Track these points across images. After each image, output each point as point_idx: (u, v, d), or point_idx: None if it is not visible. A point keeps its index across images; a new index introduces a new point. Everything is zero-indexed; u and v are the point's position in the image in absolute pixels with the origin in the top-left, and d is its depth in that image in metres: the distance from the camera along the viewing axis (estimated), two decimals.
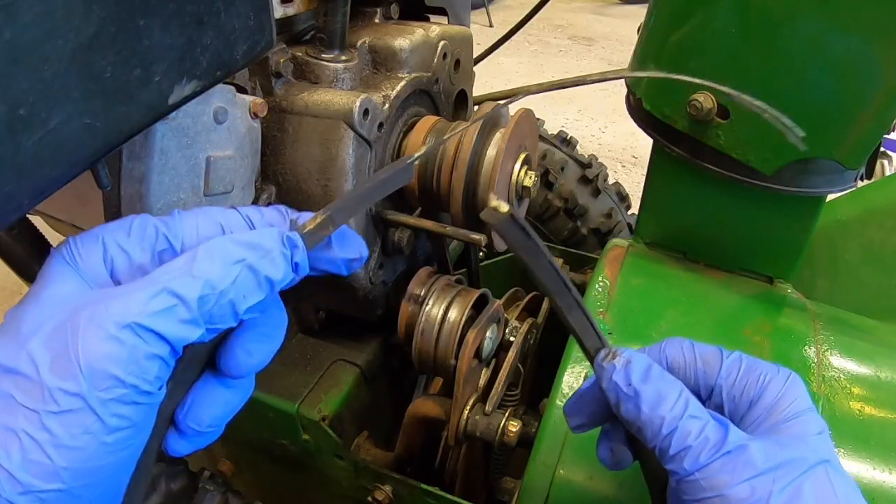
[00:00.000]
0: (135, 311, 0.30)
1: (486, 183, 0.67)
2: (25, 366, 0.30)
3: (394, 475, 0.71)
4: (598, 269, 0.75)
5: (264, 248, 0.35)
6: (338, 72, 0.66)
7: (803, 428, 0.40)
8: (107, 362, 0.29)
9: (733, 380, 0.42)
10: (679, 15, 0.63)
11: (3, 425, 0.29)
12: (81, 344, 0.29)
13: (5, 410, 0.29)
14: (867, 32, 0.54)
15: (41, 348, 0.30)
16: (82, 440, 0.29)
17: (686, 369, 0.43)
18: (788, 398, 0.42)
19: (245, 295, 0.33)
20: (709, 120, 0.62)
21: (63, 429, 0.29)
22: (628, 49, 0.74)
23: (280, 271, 0.35)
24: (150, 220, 0.36)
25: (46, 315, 0.32)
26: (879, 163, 1.10)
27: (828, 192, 0.66)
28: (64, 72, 0.32)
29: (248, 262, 0.33)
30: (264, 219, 0.40)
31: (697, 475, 0.37)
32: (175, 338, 0.31)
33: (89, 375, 0.29)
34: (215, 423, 0.38)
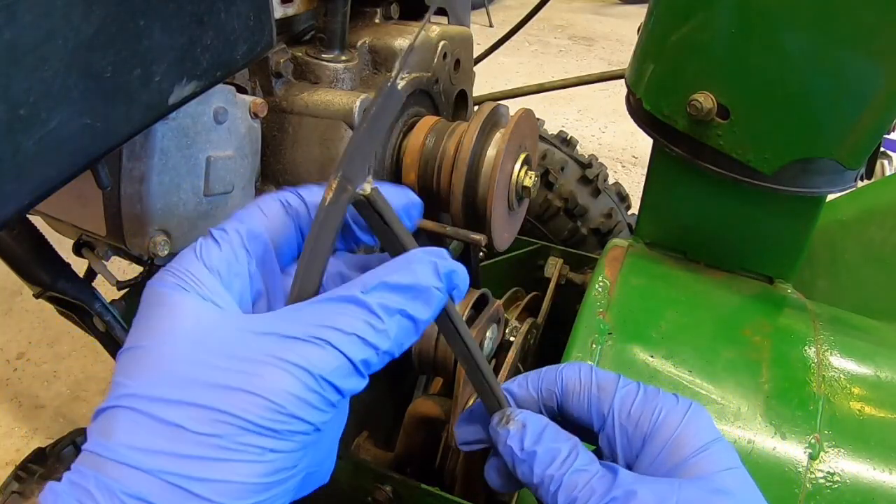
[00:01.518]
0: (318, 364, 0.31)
1: (486, 183, 0.67)
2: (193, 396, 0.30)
3: (394, 475, 0.71)
4: (598, 269, 0.75)
5: (420, 289, 0.34)
6: (338, 72, 0.66)
7: (709, 464, 0.38)
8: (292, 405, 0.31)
9: (627, 411, 0.41)
10: (679, 15, 0.63)
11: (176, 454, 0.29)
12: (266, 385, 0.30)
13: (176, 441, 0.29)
14: (867, 34, 0.54)
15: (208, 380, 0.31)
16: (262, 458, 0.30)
17: (581, 394, 0.42)
18: (689, 432, 0.39)
19: (402, 343, 0.34)
20: (709, 120, 0.62)
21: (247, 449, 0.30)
22: (628, 49, 0.74)
23: (433, 309, 0.35)
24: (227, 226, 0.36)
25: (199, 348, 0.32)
26: (879, 163, 1.10)
27: (828, 192, 0.66)
28: (64, 72, 0.32)
29: (406, 312, 0.33)
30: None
31: None
32: (347, 388, 0.32)
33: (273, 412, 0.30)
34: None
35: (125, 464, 0.29)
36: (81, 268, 0.78)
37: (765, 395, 0.60)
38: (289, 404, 0.30)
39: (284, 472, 0.32)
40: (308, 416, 0.31)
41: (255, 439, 0.30)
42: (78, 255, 0.71)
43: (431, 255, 0.35)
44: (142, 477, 0.29)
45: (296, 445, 0.31)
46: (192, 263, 0.34)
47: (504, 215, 0.71)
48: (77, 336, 1.75)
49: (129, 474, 0.29)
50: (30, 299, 1.73)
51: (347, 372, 0.32)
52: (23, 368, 1.72)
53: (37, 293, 0.73)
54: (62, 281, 0.72)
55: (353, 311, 0.33)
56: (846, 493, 0.55)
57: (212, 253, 0.35)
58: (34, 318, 1.87)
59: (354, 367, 0.32)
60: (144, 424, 0.30)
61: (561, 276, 0.95)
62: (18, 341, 1.80)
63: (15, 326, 1.85)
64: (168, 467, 0.29)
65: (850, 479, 0.55)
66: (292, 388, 0.31)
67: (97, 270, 0.70)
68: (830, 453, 0.56)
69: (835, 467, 0.56)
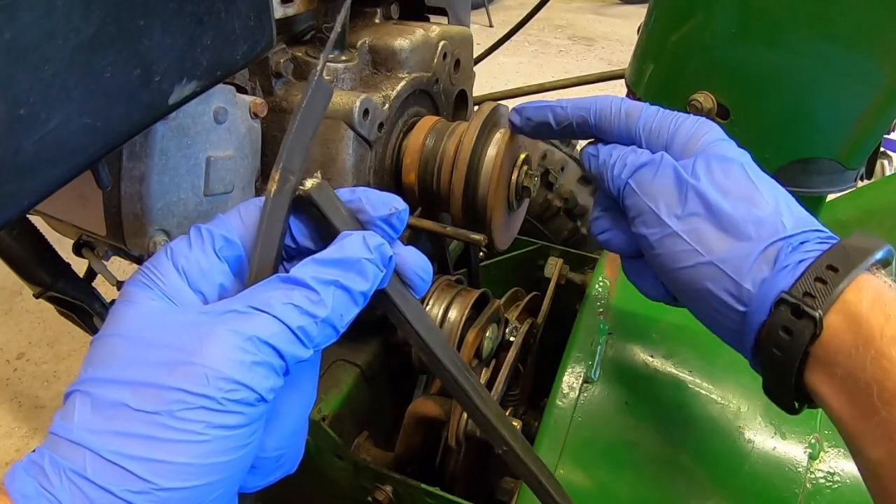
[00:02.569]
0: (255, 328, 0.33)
1: (486, 183, 0.67)
2: (139, 374, 0.32)
3: (394, 475, 0.71)
4: (598, 269, 0.75)
5: (350, 261, 0.36)
6: (338, 72, 0.66)
7: (722, 150, 0.46)
8: (231, 369, 0.32)
9: (650, 126, 0.49)
10: (679, 15, 0.63)
11: (119, 432, 0.30)
12: (206, 353, 0.32)
13: (119, 420, 0.31)
14: (867, 34, 0.54)
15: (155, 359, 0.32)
16: (207, 434, 0.31)
17: (612, 119, 0.51)
18: (701, 132, 0.48)
19: (342, 314, 0.36)
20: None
21: (187, 425, 0.31)
22: (628, 49, 0.74)
23: (370, 280, 0.36)
24: (201, 228, 0.38)
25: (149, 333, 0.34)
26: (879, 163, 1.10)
27: (828, 192, 0.66)
28: (64, 72, 0.32)
29: (339, 283, 0.35)
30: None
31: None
32: (289, 353, 0.34)
33: (214, 379, 0.31)
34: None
35: (75, 442, 0.30)
36: (81, 268, 0.78)
37: None
38: (226, 368, 0.31)
39: (228, 453, 0.32)
40: (249, 380, 0.32)
41: (197, 413, 0.31)
42: (78, 255, 0.71)
43: (361, 233, 0.37)
44: (87, 455, 0.30)
45: (241, 419, 0.32)
46: (161, 263, 0.37)
47: (504, 215, 0.71)
48: (77, 336, 1.75)
49: (76, 452, 0.30)
50: (30, 299, 1.73)
51: (287, 338, 0.33)
52: (23, 368, 1.72)
53: (37, 293, 0.73)
54: (62, 281, 0.72)
55: (288, 286, 0.35)
56: (846, 493, 0.55)
57: (182, 254, 0.37)
58: (34, 318, 1.87)
59: (293, 332, 0.34)
60: (94, 405, 0.31)
61: (561, 276, 0.95)
62: (18, 341, 1.80)
63: (15, 326, 1.85)
64: (111, 446, 0.30)
65: (850, 479, 0.55)
66: (229, 352, 0.32)
67: (97, 270, 0.70)
68: (830, 453, 0.56)
69: (835, 467, 0.56)
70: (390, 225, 0.40)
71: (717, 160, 0.45)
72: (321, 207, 0.38)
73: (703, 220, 0.43)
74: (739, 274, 0.41)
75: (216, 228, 0.38)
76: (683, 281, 0.43)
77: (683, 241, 0.43)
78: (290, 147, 0.38)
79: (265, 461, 0.38)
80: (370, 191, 0.40)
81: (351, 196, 0.40)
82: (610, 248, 0.53)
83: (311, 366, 0.41)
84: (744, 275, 0.40)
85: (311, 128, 0.39)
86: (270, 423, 0.37)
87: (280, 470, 0.40)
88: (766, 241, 0.41)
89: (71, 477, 0.29)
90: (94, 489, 0.29)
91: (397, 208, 0.40)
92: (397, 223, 0.40)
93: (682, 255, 0.43)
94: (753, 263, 0.40)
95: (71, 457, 0.30)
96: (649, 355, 0.64)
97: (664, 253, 0.44)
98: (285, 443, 0.39)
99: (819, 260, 0.39)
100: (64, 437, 0.31)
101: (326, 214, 0.38)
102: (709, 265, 0.42)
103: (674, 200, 0.44)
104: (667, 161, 0.46)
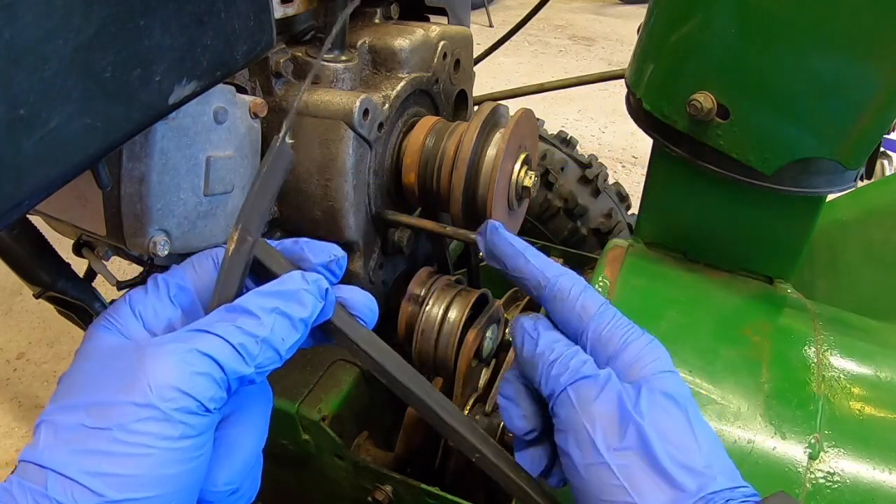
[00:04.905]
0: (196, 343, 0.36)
1: (486, 183, 0.67)
2: (93, 396, 0.35)
3: (394, 475, 0.71)
4: (598, 269, 0.75)
5: (290, 292, 0.40)
6: (338, 72, 0.66)
7: (667, 386, 0.45)
8: (172, 378, 0.34)
9: (601, 331, 0.48)
10: (679, 15, 0.63)
11: (76, 450, 0.33)
12: (149, 368, 0.35)
13: (75, 439, 0.33)
14: (867, 34, 0.54)
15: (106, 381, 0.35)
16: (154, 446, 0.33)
17: (566, 302, 0.49)
18: (650, 357, 0.46)
19: (284, 337, 0.39)
20: (709, 120, 0.62)
21: (135, 437, 0.33)
22: (628, 49, 0.74)
23: (308, 308, 0.40)
24: (157, 277, 0.43)
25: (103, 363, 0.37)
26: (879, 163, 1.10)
27: (828, 192, 0.66)
28: (64, 72, 0.32)
29: (280, 309, 0.39)
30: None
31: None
32: (229, 367, 0.36)
33: (157, 388, 0.34)
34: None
35: (40, 465, 0.33)
36: (81, 268, 0.78)
37: (765, 395, 0.60)
38: (168, 378, 0.34)
39: (176, 465, 0.34)
40: (190, 388, 0.35)
41: (144, 425, 0.33)
42: (78, 255, 0.71)
43: (299, 271, 0.42)
44: (49, 475, 0.33)
45: (185, 430, 0.34)
46: (121, 308, 0.41)
47: (504, 215, 0.71)
48: (77, 336, 1.75)
49: (40, 475, 0.33)
50: (30, 299, 1.73)
51: (227, 352, 0.36)
52: (23, 368, 1.72)
53: (37, 293, 0.73)
54: (62, 281, 0.72)
55: (232, 313, 0.38)
56: (846, 493, 0.54)
57: (139, 300, 0.41)
58: (34, 318, 1.87)
59: (234, 347, 0.36)
60: (56, 430, 0.34)
61: None
62: (18, 341, 1.80)
63: (15, 326, 1.85)
64: (69, 464, 0.33)
65: (850, 479, 0.55)
66: (171, 365, 0.35)
67: (97, 270, 0.70)
68: (830, 453, 0.56)
69: (835, 467, 0.56)
70: (330, 270, 0.45)
71: (662, 397, 0.44)
72: (263, 261, 0.42)
73: (639, 458, 0.42)
74: None
75: (171, 278, 0.42)
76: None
77: (614, 476, 0.42)
78: (250, 209, 0.40)
79: (218, 495, 0.39)
80: (311, 241, 0.45)
81: (294, 246, 0.45)
82: (503, 418, 0.50)
83: (261, 396, 0.43)
84: None
85: (270, 192, 0.42)
86: (221, 456, 0.39)
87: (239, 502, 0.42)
88: (695, 495, 0.40)
89: (35, 497, 0.32)
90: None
91: (336, 255, 0.45)
92: (336, 269, 0.45)
93: (609, 488, 0.42)
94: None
95: (35, 479, 0.33)
96: None
97: (590, 481, 0.43)
98: (237, 477, 0.40)
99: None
100: (31, 461, 0.33)
101: (269, 267, 0.42)
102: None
103: (613, 430, 0.43)
104: (613, 383, 0.45)
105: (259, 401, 0.42)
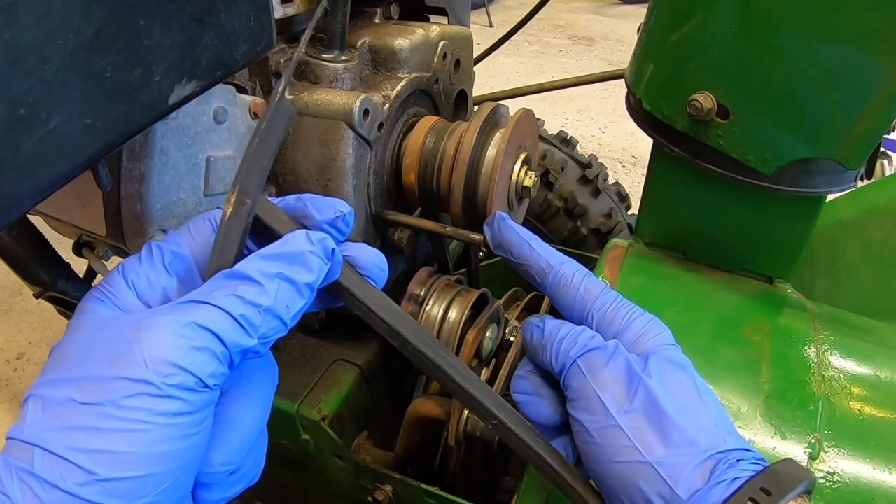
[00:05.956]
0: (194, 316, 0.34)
1: (486, 183, 0.67)
2: (84, 370, 0.33)
3: (394, 475, 0.71)
4: (598, 269, 0.75)
5: (293, 254, 0.37)
6: (338, 72, 0.66)
7: (673, 356, 0.47)
8: (169, 353, 0.32)
9: (605, 311, 0.50)
10: (679, 15, 0.63)
11: (64, 426, 0.31)
12: (144, 341, 0.33)
13: (65, 414, 0.32)
14: (867, 34, 0.54)
15: (99, 355, 0.33)
16: (149, 422, 0.31)
17: (569, 287, 0.52)
18: (653, 332, 0.49)
19: (289, 305, 0.36)
20: (709, 120, 0.62)
21: (129, 413, 0.31)
22: (628, 49, 0.74)
23: (314, 271, 0.37)
24: (152, 245, 0.40)
25: (96, 335, 0.35)
26: (879, 163, 1.10)
27: (828, 192, 0.66)
28: (64, 72, 0.32)
29: (284, 275, 0.36)
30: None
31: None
32: (230, 340, 0.34)
33: (152, 363, 0.32)
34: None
35: (26, 442, 0.31)
36: (81, 268, 0.78)
37: (765, 394, 0.60)
38: (164, 352, 0.32)
39: (171, 442, 0.32)
40: (188, 363, 0.32)
41: (139, 401, 0.31)
42: (78, 255, 0.71)
43: (304, 230, 0.39)
44: (36, 452, 0.31)
45: (182, 406, 0.32)
46: (113, 278, 0.38)
47: None
48: None
49: (27, 452, 0.31)
50: (30, 299, 1.73)
51: (228, 325, 0.34)
52: (23, 368, 1.72)
53: (37, 293, 0.73)
54: (62, 281, 0.72)
55: (232, 280, 0.35)
56: (846, 493, 0.54)
57: (132, 270, 0.39)
58: (34, 318, 1.87)
59: (235, 320, 0.34)
60: (44, 405, 0.33)
61: None
62: (18, 341, 1.80)
63: (15, 326, 1.85)
64: (57, 440, 0.31)
65: (850, 479, 0.55)
66: (167, 338, 0.33)
67: (97, 270, 0.70)
68: (830, 453, 0.56)
69: (835, 467, 0.56)
70: (336, 227, 0.41)
71: (669, 364, 0.46)
72: (265, 220, 0.39)
73: (649, 419, 0.43)
74: (675, 480, 0.41)
75: (165, 245, 0.39)
76: (616, 475, 0.43)
77: (625, 437, 0.43)
78: (248, 168, 0.38)
79: (216, 476, 0.37)
80: (316, 196, 0.42)
81: (297, 203, 0.42)
82: (525, 413, 0.51)
83: (265, 370, 0.40)
84: (679, 481, 0.41)
85: (269, 150, 0.39)
86: (219, 433, 0.37)
87: (240, 483, 0.39)
88: (705, 452, 0.41)
89: (21, 475, 0.30)
90: (41, 483, 0.30)
91: (342, 211, 0.42)
92: (342, 225, 0.42)
93: (621, 449, 0.42)
94: (690, 472, 0.41)
95: (22, 456, 0.31)
96: None
97: (603, 444, 0.43)
98: (236, 456, 0.38)
99: (753, 480, 0.39)
100: (17, 438, 0.32)
101: (270, 225, 0.39)
102: (646, 465, 0.41)
103: (623, 393, 0.44)
104: (621, 351, 0.46)
105: (262, 374, 0.40)
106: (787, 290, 0.75)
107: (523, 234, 0.55)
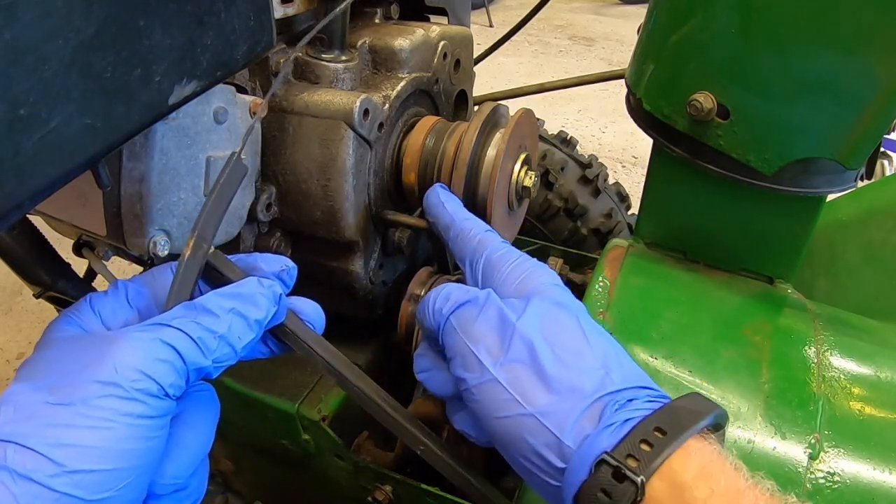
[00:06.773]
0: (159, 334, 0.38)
1: (487, 183, 0.67)
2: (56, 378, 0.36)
3: (394, 475, 0.71)
4: (598, 269, 0.75)
5: (246, 294, 0.43)
6: (338, 72, 0.66)
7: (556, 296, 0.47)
8: (137, 361, 0.36)
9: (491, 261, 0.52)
10: (679, 15, 0.63)
11: (37, 423, 0.34)
12: (115, 351, 0.36)
13: (38, 414, 0.34)
14: (867, 34, 0.54)
15: (70, 363, 0.37)
16: (116, 421, 0.34)
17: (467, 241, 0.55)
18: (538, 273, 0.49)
19: (240, 336, 0.41)
20: (709, 120, 0.62)
21: (98, 412, 0.34)
22: (628, 49, 0.74)
23: (263, 310, 0.43)
24: (118, 282, 0.46)
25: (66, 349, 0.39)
26: (879, 163, 1.10)
27: (828, 192, 0.66)
28: (64, 72, 0.32)
29: (237, 310, 0.41)
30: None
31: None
32: (189, 358, 0.38)
33: (122, 369, 0.36)
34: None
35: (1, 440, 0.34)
36: (81, 268, 0.78)
37: (765, 395, 0.60)
38: (133, 360, 0.36)
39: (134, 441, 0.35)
40: (153, 372, 0.36)
41: (107, 402, 0.35)
42: (78, 255, 0.71)
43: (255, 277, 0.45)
44: (8, 447, 0.33)
45: (146, 409, 0.36)
46: (81, 305, 0.43)
47: (504, 215, 0.71)
48: None
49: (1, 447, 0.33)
50: (30, 299, 1.73)
51: (188, 345, 0.38)
52: None
53: (37, 293, 0.73)
54: (62, 281, 0.72)
55: (192, 311, 0.41)
56: (846, 493, 0.54)
57: (98, 300, 0.44)
58: (34, 318, 1.87)
59: (193, 341, 0.39)
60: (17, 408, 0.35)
61: (561, 276, 0.95)
62: (18, 341, 1.80)
63: (15, 326, 1.85)
64: (29, 436, 0.33)
65: (850, 479, 0.55)
66: (136, 349, 0.37)
67: (97, 270, 0.70)
68: (830, 453, 0.56)
69: (835, 467, 0.56)
70: (281, 280, 0.47)
71: (552, 305, 0.44)
72: (218, 268, 0.46)
73: (527, 368, 0.41)
74: (561, 429, 0.38)
75: (130, 283, 0.45)
76: (502, 431, 0.41)
77: (504, 390, 0.41)
78: (205, 219, 0.44)
79: (165, 488, 0.40)
80: (264, 254, 0.49)
81: (248, 258, 0.48)
82: (430, 389, 0.50)
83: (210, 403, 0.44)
84: (565, 430, 0.38)
85: (225, 201, 0.46)
86: (171, 450, 0.40)
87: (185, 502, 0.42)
88: (590, 396, 0.39)
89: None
90: (12, 476, 0.32)
91: (287, 266, 0.48)
92: (287, 278, 0.48)
93: (502, 403, 0.41)
94: (577, 419, 0.39)
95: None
96: (649, 355, 0.64)
97: (483, 400, 0.42)
98: (184, 472, 0.41)
99: (646, 420, 0.37)
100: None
101: (223, 273, 0.46)
102: (529, 417, 0.39)
103: (496, 345, 0.42)
104: (492, 300, 0.45)
105: (208, 406, 0.44)
106: (787, 291, 0.75)
107: (442, 197, 0.60)
